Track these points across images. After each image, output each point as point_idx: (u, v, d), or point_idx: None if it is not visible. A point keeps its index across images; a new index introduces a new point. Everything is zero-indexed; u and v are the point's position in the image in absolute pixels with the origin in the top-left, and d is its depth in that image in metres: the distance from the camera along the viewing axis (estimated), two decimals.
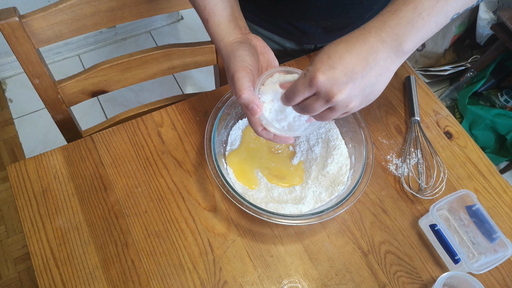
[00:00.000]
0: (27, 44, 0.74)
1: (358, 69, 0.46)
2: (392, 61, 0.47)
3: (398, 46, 0.46)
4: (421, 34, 0.47)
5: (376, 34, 0.46)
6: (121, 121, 0.97)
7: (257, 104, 0.52)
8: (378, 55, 0.46)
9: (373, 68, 0.46)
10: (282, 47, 0.90)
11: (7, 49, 1.75)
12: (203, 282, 0.62)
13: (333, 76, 0.46)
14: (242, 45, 0.56)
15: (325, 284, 0.63)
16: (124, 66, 0.87)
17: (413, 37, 0.46)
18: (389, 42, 0.46)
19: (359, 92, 0.47)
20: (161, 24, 2.06)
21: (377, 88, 0.48)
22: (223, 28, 0.58)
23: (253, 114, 0.53)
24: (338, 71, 0.46)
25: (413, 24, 0.46)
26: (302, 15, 0.78)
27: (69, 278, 0.61)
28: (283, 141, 0.58)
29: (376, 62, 0.46)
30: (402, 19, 0.46)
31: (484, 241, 0.65)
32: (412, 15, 0.46)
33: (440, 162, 0.74)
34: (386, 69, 0.47)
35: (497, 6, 1.67)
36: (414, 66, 1.95)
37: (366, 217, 0.68)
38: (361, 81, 0.46)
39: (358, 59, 0.46)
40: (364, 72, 0.46)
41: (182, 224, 0.66)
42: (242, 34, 0.58)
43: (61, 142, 0.87)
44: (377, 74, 0.47)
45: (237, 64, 0.54)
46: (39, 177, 0.68)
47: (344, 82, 0.46)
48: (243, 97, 0.52)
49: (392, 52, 0.47)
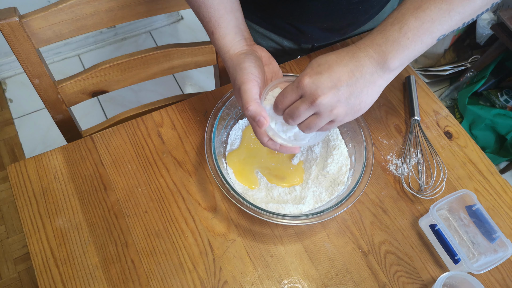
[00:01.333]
0: (27, 44, 0.74)
1: (343, 78, 0.48)
2: (378, 75, 0.49)
3: (384, 62, 0.49)
4: (407, 53, 0.49)
5: (365, 50, 0.49)
6: (121, 121, 0.97)
7: (264, 116, 0.52)
8: (364, 68, 0.49)
9: (358, 80, 0.49)
10: (280, 46, 0.90)
11: (7, 49, 1.75)
12: (203, 282, 0.62)
13: (319, 80, 0.48)
14: (248, 57, 0.56)
15: (325, 284, 0.63)
16: (124, 66, 0.87)
17: (399, 54, 0.48)
18: (376, 58, 0.49)
19: (344, 100, 0.49)
20: (161, 24, 2.06)
21: (363, 99, 0.50)
22: (229, 40, 0.58)
23: (260, 126, 0.53)
24: (324, 76, 0.48)
25: (399, 42, 0.48)
26: (299, 17, 0.79)
27: (69, 278, 0.61)
28: (289, 151, 0.58)
29: (362, 75, 0.49)
30: (388, 38, 0.49)
31: (484, 241, 0.65)
32: (398, 34, 0.48)
33: (440, 162, 0.74)
34: (373, 83, 0.49)
35: (497, 6, 1.67)
36: (414, 66, 1.95)
37: (366, 217, 0.68)
38: (346, 89, 0.48)
39: (345, 70, 0.48)
40: (349, 82, 0.48)
41: (182, 224, 0.66)
42: (248, 45, 0.58)
43: (61, 142, 0.87)
44: (362, 86, 0.49)
45: (243, 76, 0.54)
46: (39, 177, 0.68)
47: (329, 87, 0.48)
48: (250, 109, 0.52)
49: (379, 67, 0.49)
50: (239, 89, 0.54)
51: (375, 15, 0.85)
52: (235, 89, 0.56)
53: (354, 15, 0.78)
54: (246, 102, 0.52)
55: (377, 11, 0.84)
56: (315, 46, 0.90)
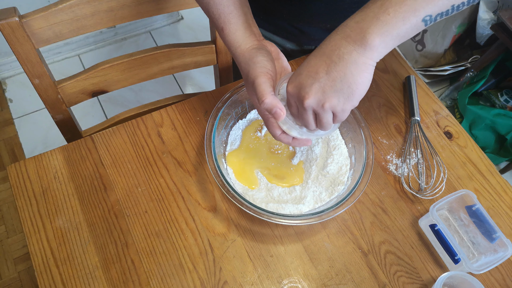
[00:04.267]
0: (27, 44, 0.74)
1: (321, 68, 0.47)
2: (358, 53, 0.46)
3: (362, 38, 0.46)
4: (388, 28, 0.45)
5: (341, 31, 0.47)
6: (121, 121, 0.97)
7: (280, 108, 0.52)
8: (340, 49, 0.46)
9: (337, 64, 0.46)
10: (282, 48, 0.90)
11: (7, 49, 1.74)
12: (203, 282, 0.62)
13: (299, 81, 0.48)
14: (260, 51, 0.56)
15: (325, 284, 0.63)
16: (124, 66, 0.87)
17: (379, 30, 0.45)
18: (353, 36, 0.46)
19: (330, 90, 0.47)
20: (161, 24, 2.06)
21: (351, 81, 0.47)
22: (239, 36, 0.58)
23: (277, 118, 0.52)
24: (302, 76, 0.48)
25: (378, 18, 0.45)
26: (301, 17, 0.79)
27: (69, 278, 0.61)
28: (302, 144, 0.58)
29: (340, 57, 0.46)
30: (368, 14, 0.46)
31: (484, 241, 0.65)
32: (378, 10, 0.45)
33: (440, 162, 0.74)
34: (354, 62, 0.46)
35: (497, 6, 1.67)
36: (414, 66, 1.95)
37: (366, 217, 0.68)
38: (326, 78, 0.47)
39: (322, 59, 0.47)
40: (328, 69, 0.47)
41: (182, 224, 0.66)
42: (258, 40, 0.58)
43: (61, 142, 0.87)
44: (343, 69, 0.46)
45: (257, 70, 0.54)
46: (39, 177, 0.68)
47: (309, 84, 0.47)
48: (266, 102, 0.52)
49: (357, 45, 0.46)
50: (253, 83, 0.54)
51: None
52: (248, 84, 0.56)
53: None
54: (262, 95, 0.52)
55: None
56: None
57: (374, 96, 0.82)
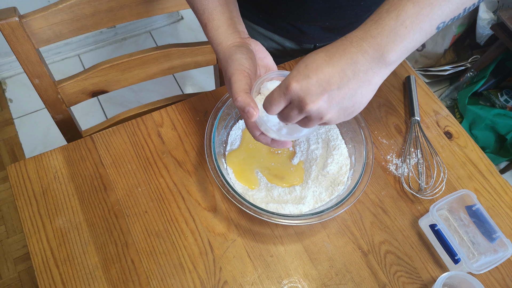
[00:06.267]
0: (27, 44, 0.74)
1: (334, 80, 0.44)
2: (374, 73, 0.44)
3: (380, 56, 0.44)
4: (405, 43, 0.44)
5: (357, 45, 0.44)
6: (121, 121, 0.97)
7: (253, 107, 0.51)
8: (357, 66, 0.44)
9: (351, 80, 0.44)
10: (281, 47, 0.90)
11: (7, 49, 1.75)
12: (203, 282, 0.62)
13: (307, 86, 0.44)
14: (240, 49, 0.55)
15: (325, 284, 0.63)
16: (124, 66, 0.87)
17: (397, 46, 0.44)
18: (371, 53, 0.44)
19: (336, 105, 0.45)
20: (161, 24, 2.06)
21: (357, 101, 0.45)
22: (222, 32, 0.58)
23: (249, 117, 0.51)
24: (312, 81, 0.44)
25: (396, 32, 0.43)
26: (300, 16, 0.79)
27: (69, 278, 0.61)
28: (280, 146, 0.57)
29: (355, 74, 0.44)
30: (384, 28, 0.43)
31: (484, 241, 0.65)
32: (395, 23, 0.43)
33: (440, 162, 0.74)
34: (367, 82, 0.45)
35: (497, 6, 1.67)
36: (414, 66, 1.95)
37: (366, 217, 0.68)
38: (337, 93, 0.44)
39: (336, 70, 0.44)
40: (341, 84, 0.44)
41: (182, 224, 0.66)
42: (241, 38, 0.58)
43: (61, 142, 0.87)
44: (356, 87, 0.44)
45: (234, 67, 0.53)
46: (39, 177, 0.68)
47: (318, 93, 0.44)
48: (239, 100, 0.51)
49: (374, 63, 0.44)
50: (229, 80, 0.53)
51: None
52: (226, 81, 0.55)
53: (355, 12, 0.78)
54: (236, 93, 0.51)
55: None
56: (317, 46, 0.90)
57: (374, 96, 0.82)
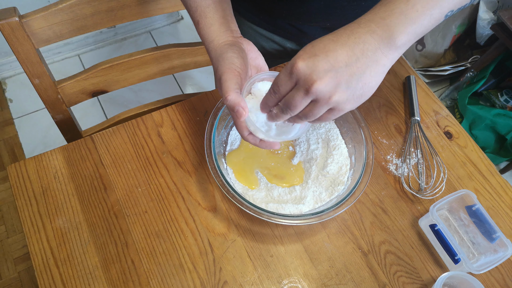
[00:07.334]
0: (27, 44, 0.74)
1: (342, 57, 0.42)
2: (382, 53, 0.43)
3: (389, 37, 0.43)
4: (415, 27, 0.43)
5: (366, 25, 0.43)
6: (121, 121, 0.97)
7: (243, 106, 0.50)
8: (365, 45, 0.43)
9: (360, 59, 0.42)
10: (282, 47, 0.90)
11: (7, 49, 1.75)
12: (203, 282, 0.62)
13: (313, 62, 0.42)
14: (231, 48, 0.55)
15: (325, 284, 0.63)
16: (124, 66, 0.87)
17: (406, 29, 0.43)
18: (379, 33, 0.43)
19: (344, 83, 0.43)
20: (161, 24, 2.06)
21: (366, 82, 0.44)
22: (214, 30, 0.57)
23: (238, 116, 0.50)
24: (319, 57, 0.42)
25: (406, 15, 0.43)
26: (300, 16, 0.79)
27: (69, 278, 0.61)
28: (268, 147, 0.57)
29: (363, 53, 0.43)
30: (394, 10, 0.43)
31: (484, 241, 0.65)
32: (405, 6, 0.43)
33: (440, 162, 0.74)
34: (376, 61, 0.43)
35: (497, 6, 1.67)
36: (414, 66, 1.95)
37: (366, 217, 0.68)
38: (345, 70, 0.42)
39: (344, 48, 0.42)
40: (349, 62, 0.42)
41: (182, 224, 0.66)
42: (233, 37, 0.57)
43: (61, 142, 0.87)
44: (364, 66, 0.43)
45: (225, 66, 0.53)
46: (39, 177, 0.68)
47: (325, 69, 0.42)
48: (229, 99, 0.50)
49: (383, 43, 0.43)
50: (219, 79, 0.53)
51: None
52: (216, 79, 0.55)
53: (356, 12, 0.78)
54: (225, 92, 0.51)
55: None
56: None
57: (374, 96, 0.82)
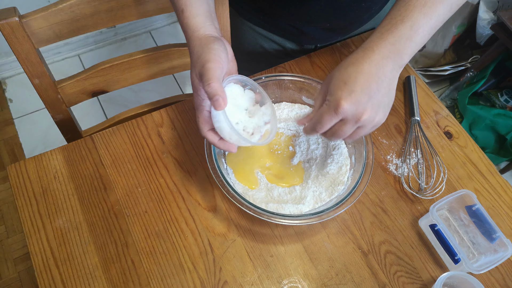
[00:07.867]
0: (27, 44, 0.74)
1: (373, 85, 0.51)
2: (396, 71, 0.54)
3: (400, 60, 0.53)
4: (416, 47, 0.54)
5: (379, 52, 0.52)
6: (121, 121, 0.97)
7: (223, 98, 0.50)
8: (385, 69, 0.52)
9: (384, 81, 0.52)
10: (282, 48, 0.90)
11: (7, 49, 1.75)
12: (203, 282, 0.62)
13: (356, 99, 0.51)
14: (218, 41, 0.55)
15: (325, 284, 0.63)
16: (124, 66, 0.87)
17: (411, 50, 0.54)
18: (392, 57, 0.53)
19: (380, 104, 0.52)
20: (161, 24, 2.06)
21: (391, 95, 0.54)
22: (200, 21, 0.57)
23: (216, 106, 0.50)
24: (357, 92, 0.51)
25: (411, 39, 0.53)
26: (301, 17, 0.79)
27: (69, 278, 0.61)
28: (226, 148, 0.57)
29: (385, 76, 0.52)
30: (401, 37, 0.53)
31: (484, 241, 0.65)
32: (410, 32, 0.52)
33: (440, 162, 0.74)
34: (393, 79, 0.54)
35: (497, 6, 1.67)
36: (414, 66, 1.95)
37: (366, 217, 0.68)
38: (378, 94, 0.52)
39: (371, 76, 0.51)
40: (378, 86, 0.52)
41: (182, 224, 0.66)
42: (218, 34, 0.57)
43: (61, 142, 0.87)
44: (388, 85, 0.53)
45: (211, 55, 0.52)
46: (39, 177, 0.68)
47: (366, 100, 0.51)
48: (212, 86, 0.50)
49: (396, 65, 0.53)
50: (203, 65, 0.52)
51: (377, 13, 0.85)
52: (196, 67, 0.53)
53: (356, 12, 0.78)
54: (209, 78, 0.50)
55: (379, 8, 0.84)
56: (318, 46, 0.90)
57: None
